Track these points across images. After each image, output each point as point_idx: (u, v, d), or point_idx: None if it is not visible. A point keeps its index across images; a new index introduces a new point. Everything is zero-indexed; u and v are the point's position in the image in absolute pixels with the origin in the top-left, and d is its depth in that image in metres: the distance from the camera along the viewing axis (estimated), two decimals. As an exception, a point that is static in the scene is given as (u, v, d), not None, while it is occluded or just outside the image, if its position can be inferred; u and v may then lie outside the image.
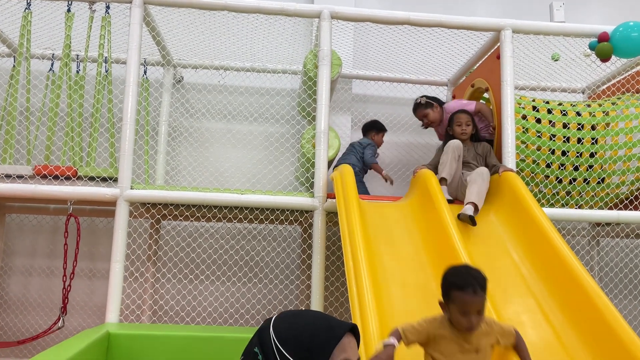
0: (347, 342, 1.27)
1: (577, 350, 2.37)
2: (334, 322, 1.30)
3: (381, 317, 2.33)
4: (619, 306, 4.16)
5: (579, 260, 2.62)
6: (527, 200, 3.06)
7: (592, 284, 2.47)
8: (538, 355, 2.37)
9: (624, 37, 3.54)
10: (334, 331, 1.26)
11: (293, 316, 1.32)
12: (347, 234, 2.73)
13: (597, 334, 2.34)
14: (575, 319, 2.48)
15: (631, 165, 3.82)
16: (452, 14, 3.78)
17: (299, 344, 1.23)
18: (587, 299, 2.44)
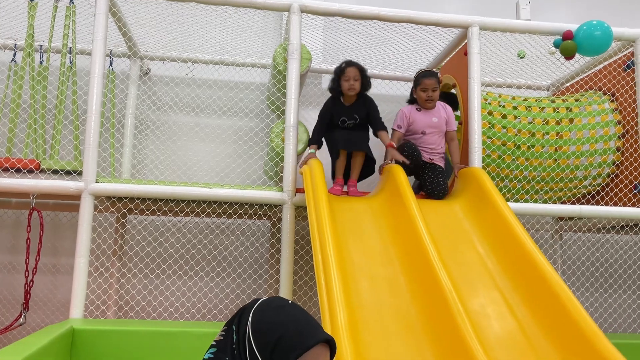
0: (315, 354, 1.20)
1: (540, 341, 2.42)
2: (310, 329, 1.23)
3: (349, 310, 2.34)
4: (581, 299, 4.27)
5: (542, 254, 2.67)
6: (493, 195, 3.12)
7: (556, 277, 2.53)
8: (502, 346, 2.42)
9: (588, 36, 3.62)
10: (303, 339, 1.20)
11: (276, 308, 1.26)
12: (315, 228, 2.73)
13: (560, 326, 2.40)
14: (538, 311, 2.53)
15: (594, 160, 3.92)
16: (422, 10, 3.81)
17: (266, 340, 1.19)
18: (550, 292, 2.50)
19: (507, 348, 2.41)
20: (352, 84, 3.55)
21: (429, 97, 3.62)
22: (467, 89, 3.74)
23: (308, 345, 1.19)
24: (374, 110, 3.67)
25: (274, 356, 1.18)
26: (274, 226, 3.88)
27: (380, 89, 4.91)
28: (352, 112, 3.62)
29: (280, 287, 3.42)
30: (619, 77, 3.99)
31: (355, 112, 3.62)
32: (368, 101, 3.68)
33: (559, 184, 3.89)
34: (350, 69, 3.55)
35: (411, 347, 2.32)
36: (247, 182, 4.16)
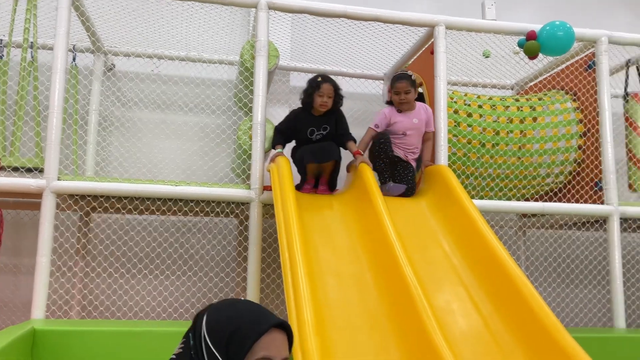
0: (270, 339, 1.22)
1: (503, 336, 2.46)
2: (262, 317, 1.24)
3: (316, 307, 2.34)
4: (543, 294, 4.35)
5: (506, 251, 2.72)
6: (458, 192, 3.15)
7: (519, 273, 2.57)
8: (467, 342, 2.45)
9: (551, 36, 3.69)
10: (257, 326, 1.21)
11: (229, 305, 1.28)
12: (283, 225, 2.73)
13: (523, 321, 2.44)
14: (502, 307, 2.57)
15: (557, 158, 4.01)
16: (390, 9, 3.83)
17: (221, 335, 1.20)
18: (513, 288, 2.54)
19: (472, 343, 2.45)
20: (325, 100, 3.51)
21: (402, 100, 3.61)
22: (433, 88, 3.78)
23: (261, 332, 1.20)
24: (343, 122, 3.65)
25: (231, 349, 1.18)
26: (242, 224, 3.85)
27: (348, 87, 4.92)
28: (322, 123, 3.58)
29: (247, 285, 3.40)
30: (581, 77, 4.09)
31: (326, 123, 3.58)
32: (339, 114, 3.65)
33: (523, 182, 3.97)
34: (325, 86, 3.51)
35: (377, 343, 2.34)
36: (214, 179, 4.12)
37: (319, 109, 3.54)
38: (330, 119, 3.59)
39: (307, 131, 3.56)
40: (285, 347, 1.26)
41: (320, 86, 3.50)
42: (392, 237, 2.73)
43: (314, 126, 3.57)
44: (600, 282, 4.18)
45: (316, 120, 3.57)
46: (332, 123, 3.59)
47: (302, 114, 3.60)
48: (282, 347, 1.25)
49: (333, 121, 3.60)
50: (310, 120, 3.57)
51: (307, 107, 3.58)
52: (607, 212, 3.74)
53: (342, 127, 3.63)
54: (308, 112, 3.59)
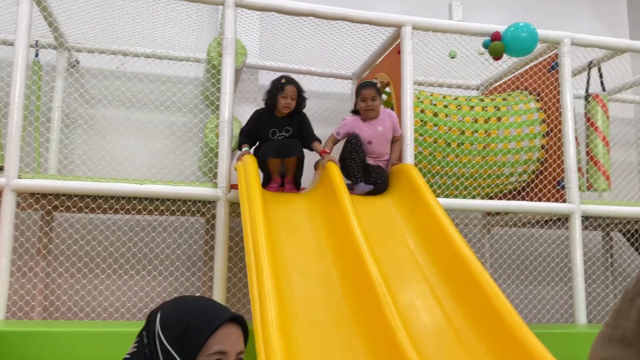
0: (224, 333, 1.22)
1: (466, 332, 2.50)
2: (216, 311, 1.24)
3: (281, 305, 2.34)
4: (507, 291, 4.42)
5: (470, 248, 2.76)
6: (423, 190, 3.19)
7: (481, 270, 2.61)
8: (430, 338, 2.48)
9: (515, 37, 3.75)
10: (210, 321, 1.21)
11: (182, 302, 1.28)
12: (248, 223, 2.72)
13: (485, 317, 2.48)
14: (465, 303, 2.61)
15: (520, 157, 4.08)
16: (359, 9, 3.85)
17: (175, 331, 1.19)
18: (476, 284, 2.57)
19: (435, 339, 2.48)
20: (289, 102, 3.51)
21: (368, 107, 3.60)
22: (400, 88, 3.81)
23: (214, 326, 1.20)
24: (307, 124, 3.65)
25: (185, 345, 1.18)
26: (208, 223, 3.82)
27: (317, 87, 4.93)
28: (285, 124, 3.58)
29: (213, 284, 3.38)
30: (544, 77, 4.17)
31: (288, 124, 3.58)
32: (302, 116, 3.65)
33: (487, 180, 4.03)
34: (289, 87, 3.51)
35: (342, 341, 2.35)
36: (181, 178, 4.07)
37: (282, 110, 3.54)
38: (293, 121, 3.59)
39: (269, 132, 3.56)
40: (240, 341, 1.27)
41: (284, 88, 3.50)
42: (357, 234, 2.74)
43: (276, 127, 3.56)
44: (562, 279, 4.27)
45: (278, 121, 3.57)
46: (294, 125, 3.59)
47: (265, 115, 3.60)
48: (237, 341, 1.25)
49: (296, 123, 3.60)
50: (272, 121, 3.57)
51: (270, 108, 3.58)
52: (569, 210, 3.82)
53: (306, 129, 3.63)
54: (271, 113, 3.59)
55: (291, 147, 3.48)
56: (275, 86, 3.54)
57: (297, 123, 3.61)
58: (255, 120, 3.62)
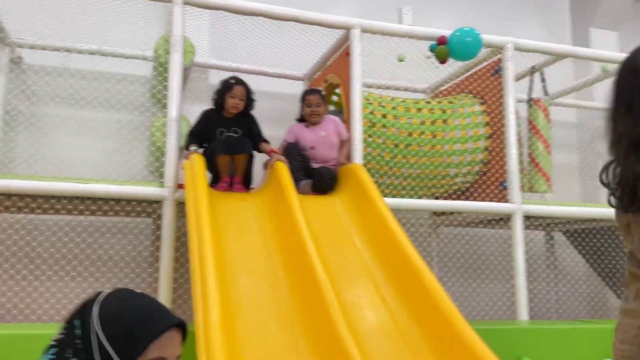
0: (168, 339, 1.20)
1: (409, 329, 2.54)
2: (160, 314, 1.22)
3: (225, 305, 2.33)
4: (452, 288, 4.52)
5: (414, 247, 2.81)
6: (371, 190, 3.23)
7: (425, 268, 2.66)
8: (374, 335, 2.52)
9: (459, 42, 3.85)
10: (155, 325, 1.18)
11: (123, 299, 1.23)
12: (194, 222, 2.70)
13: (427, 314, 2.53)
14: (409, 301, 2.66)
15: (465, 159, 4.18)
16: (310, 10, 3.87)
17: (117, 331, 1.16)
18: (420, 282, 2.63)
19: (379, 337, 2.51)
20: (237, 102, 3.52)
21: (313, 112, 3.71)
22: (349, 89, 3.85)
23: (159, 331, 1.18)
24: (256, 126, 3.66)
25: (126, 347, 1.15)
26: (155, 223, 3.76)
27: (269, 87, 4.92)
28: (232, 125, 3.57)
29: (159, 286, 3.33)
30: (488, 81, 4.29)
31: (236, 125, 3.58)
32: (250, 117, 3.65)
33: (433, 181, 4.11)
34: (238, 88, 3.52)
35: (287, 340, 2.35)
36: (128, 178, 3.99)
37: (230, 110, 3.54)
38: (241, 122, 3.59)
39: (216, 131, 3.54)
40: (179, 345, 1.25)
41: (232, 88, 3.51)
42: (304, 234, 2.76)
43: (223, 127, 3.55)
44: (504, 277, 4.40)
45: (227, 121, 3.56)
46: (243, 126, 3.59)
47: (214, 115, 3.59)
48: (177, 346, 1.24)
49: (244, 124, 3.60)
50: (220, 121, 3.56)
51: (218, 107, 3.58)
52: (511, 210, 3.94)
53: (255, 130, 3.64)
54: (219, 113, 3.58)
55: (241, 144, 3.48)
56: (224, 86, 3.55)
57: (246, 124, 3.61)
58: (203, 120, 3.61)
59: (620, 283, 4.64)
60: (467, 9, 5.90)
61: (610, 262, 4.60)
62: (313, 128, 3.75)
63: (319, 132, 3.73)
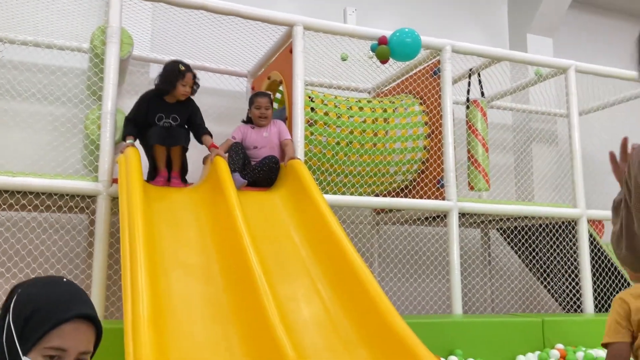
0: (71, 329, 1.15)
1: (343, 322, 2.57)
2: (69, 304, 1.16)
3: (155, 299, 2.29)
4: (389, 284, 4.60)
5: (350, 242, 2.84)
6: (310, 186, 3.24)
7: (360, 263, 2.69)
8: (308, 329, 2.53)
9: (400, 42, 3.93)
10: (60, 312, 1.14)
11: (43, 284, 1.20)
12: (126, 216, 2.64)
13: (361, 308, 2.56)
14: (344, 295, 2.68)
15: (404, 157, 4.26)
16: (256, 6, 3.85)
17: (23, 310, 1.13)
18: (355, 277, 2.65)
19: (313, 330, 2.53)
20: (187, 90, 3.50)
21: (262, 115, 3.76)
22: (292, 86, 3.86)
23: (62, 319, 1.14)
24: (197, 115, 3.63)
25: (26, 329, 1.12)
26: (89, 219, 3.66)
27: (212, 83, 4.87)
28: (173, 111, 3.52)
29: (92, 283, 3.25)
30: (427, 82, 4.38)
31: (177, 112, 3.53)
32: (192, 105, 3.62)
33: (373, 178, 4.17)
34: (189, 75, 3.49)
35: (219, 334, 2.34)
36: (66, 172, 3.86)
37: (180, 97, 3.51)
38: (182, 109, 3.55)
39: (156, 117, 3.49)
40: (87, 341, 1.19)
41: (185, 75, 3.49)
42: (241, 229, 2.75)
43: (163, 113, 3.50)
44: (440, 272, 4.51)
45: (167, 107, 3.52)
46: (183, 113, 3.56)
47: (154, 99, 3.53)
48: (83, 340, 1.18)
49: (184, 112, 3.56)
50: (160, 107, 3.51)
51: (161, 92, 3.52)
52: (448, 207, 4.04)
53: (197, 120, 3.61)
54: (160, 98, 3.53)
55: (177, 136, 3.46)
56: (175, 73, 3.48)
57: (187, 112, 3.57)
58: (144, 104, 3.53)
59: (550, 278, 4.84)
60: (411, 12, 6.02)
61: (542, 259, 4.78)
62: (258, 129, 3.80)
63: (262, 134, 3.78)
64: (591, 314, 4.26)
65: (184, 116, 3.55)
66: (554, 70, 4.78)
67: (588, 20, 7.10)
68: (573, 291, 4.51)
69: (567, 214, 4.43)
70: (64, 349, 1.14)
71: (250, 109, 3.85)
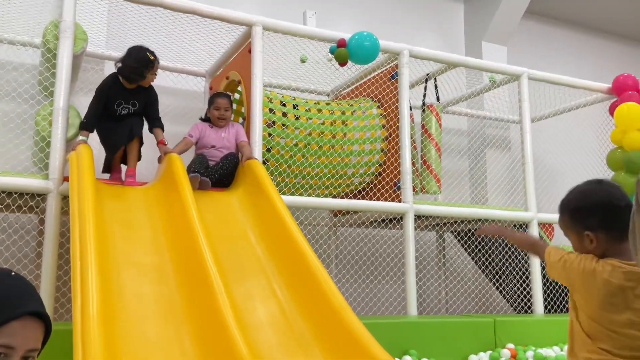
0: (20, 326, 1.10)
1: (298, 321, 2.57)
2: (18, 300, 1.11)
3: (106, 299, 2.24)
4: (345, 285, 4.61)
5: (307, 242, 2.84)
6: (267, 186, 3.23)
7: (316, 262, 2.70)
8: (263, 327, 2.53)
9: (358, 45, 3.96)
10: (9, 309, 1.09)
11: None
12: (77, 215, 2.58)
13: (317, 307, 2.57)
14: (300, 295, 2.69)
15: (362, 159, 4.30)
16: (217, 6, 3.82)
17: None
18: (311, 276, 2.66)
19: (268, 330, 2.52)
20: (154, 78, 3.56)
21: (221, 116, 3.76)
22: (250, 86, 3.84)
23: (11, 316, 1.09)
24: (154, 103, 3.62)
25: None
26: (39, 218, 3.54)
27: (169, 82, 4.80)
28: (132, 97, 3.52)
29: (41, 284, 3.14)
30: (385, 85, 4.44)
31: (136, 98, 3.54)
32: (152, 92, 3.62)
33: (331, 180, 4.19)
34: (157, 65, 3.54)
35: (171, 334, 2.30)
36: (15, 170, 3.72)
37: (145, 85, 3.56)
38: (141, 96, 3.56)
39: (115, 104, 3.49)
40: (35, 338, 1.14)
41: (154, 65, 3.52)
42: (196, 228, 2.71)
43: (122, 99, 3.51)
44: (396, 274, 4.57)
45: (126, 93, 3.52)
46: (141, 100, 3.57)
47: (114, 85, 3.51)
48: (31, 337, 1.13)
49: (143, 99, 3.57)
50: (120, 93, 3.51)
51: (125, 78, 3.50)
52: (404, 209, 4.09)
53: (154, 109, 3.62)
54: (120, 84, 3.51)
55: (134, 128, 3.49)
56: (144, 62, 3.47)
57: (146, 98, 3.58)
58: (106, 89, 3.49)
59: (502, 280, 4.96)
60: (370, 17, 6.09)
61: (494, 261, 4.89)
62: (216, 129, 3.79)
63: (221, 134, 3.78)
64: (541, 314, 4.38)
65: (142, 102, 3.56)
66: (507, 77, 4.91)
67: (540, 30, 7.33)
68: (524, 292, 4.63)
69: (519, 217, 4.55)
70: (12, 347, 1.09)
71: (209, 109, 3.84)
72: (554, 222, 4.88)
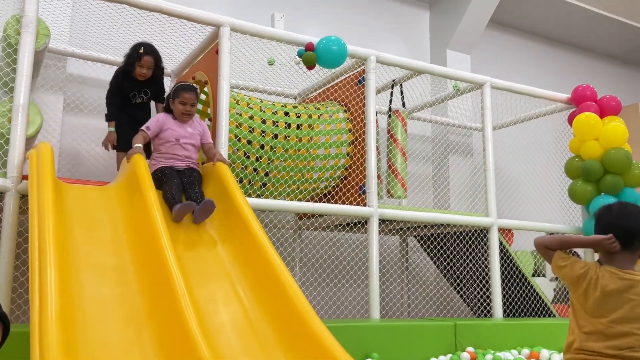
0: None
1: (261, 324, 2.56)
2: None
3: (65, 300, 2.18)
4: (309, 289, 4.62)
5: (271, 244, 2.83)
6: (232, 188, 3.21)
7: (280, 265, 2.69)
8: (226, 330, 2.51)
9: (326, 49, 3.98)
10: None
11: None
12: (35, 215, 2.51)
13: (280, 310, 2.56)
14: (263, 297, 2.67)
15: (328, 163, 4.32)
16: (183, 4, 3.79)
17: None
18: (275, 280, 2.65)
19: (231, 332, 2.50)
20: (144, 72, 3.88)
21: (187, 112, 3.45)
22: (217, 87, 3.82)
23: None
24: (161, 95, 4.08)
25: None
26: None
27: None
28: (144, 87, 3.97)
29: (-4, 284, 3.06)
30: (352, 90, 4.47)
31: (147, 87, 3.98)
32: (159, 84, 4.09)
33: (297, 183, 4.20)
34: (146, 58, 3.86)
35: (131, 336, 2.26)
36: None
37: (138, 78, 3.90)
38: (150, 86, 4.00)
39: (129, 93, 3.93)
40: None
41: (141, 58, 3.85)
42: (159, 229, 2.68)
43: (135, 90, 3.95)
44: (360, 278, 4.60)
45: (137, 84, 3.94)
46: (152, 90, 4.02)
47: (124, 76, 3.93)
48: None
49: (153, 88, 4.03)
50: (132, 84, 3.93)
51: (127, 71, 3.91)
52: (368, 213, 4.12)
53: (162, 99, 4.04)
54: (130, 76, 3.91)
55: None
56: (133, 54, 3.86)
57: (155, 88, 4.05)
58: (118, 82, 3.93)
59: (463, 284, 5.05)
60: (338, 22, 6.14)
61: (455, 265, 4.97)
62: (180, 123, 3.50)
63: (186, 128, 3.49)
64: (500, 318, 4.48)
65: (153, 92, 4.01)
66: (470, 85, 5.01)
67: (504, 40, 7.51)
68: (484, 296, 4.72)
69: (480, 222, 4.64)
70: None
71: (173, 101, 3.47)
72: (514, 228, 5.00)
